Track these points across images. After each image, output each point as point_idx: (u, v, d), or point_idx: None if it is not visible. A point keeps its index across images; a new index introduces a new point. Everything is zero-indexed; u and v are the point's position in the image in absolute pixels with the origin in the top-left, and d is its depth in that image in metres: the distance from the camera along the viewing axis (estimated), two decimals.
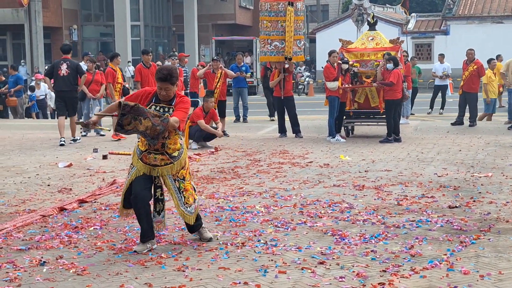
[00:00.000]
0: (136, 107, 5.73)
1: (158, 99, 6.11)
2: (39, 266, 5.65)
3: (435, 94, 21.27)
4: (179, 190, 6.16)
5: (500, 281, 5.17)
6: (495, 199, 8.22)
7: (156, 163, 6.06)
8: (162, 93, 6.04)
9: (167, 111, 6.04)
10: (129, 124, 5.72)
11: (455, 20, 35.78)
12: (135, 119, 5.71)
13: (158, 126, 5.79)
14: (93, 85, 15.52)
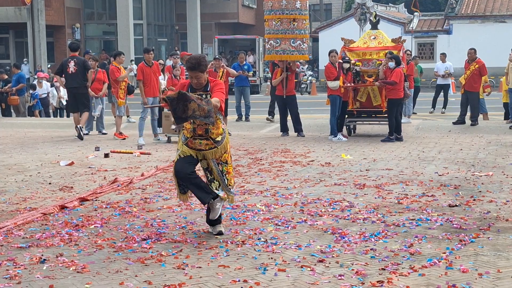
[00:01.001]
0: (181, 95, 5.98)
1: (193, 88, 6.37)
2: (39, 263, 5.67)
3: (437, 93, 21.26)
4: (222, 173, 6.48)
5: (498, 279, 5.18)
6: (495, 198, 8.23)
7: (201, 147, 6.39)
8: (194, 81, 6.33)
9: (205, 97, 6.23)
10: (182, 112, 5.99)
11: (458, 20, 35.74)
12: (184, 106, 5.98)
13: (205, 106, 6.03)
14: (95, 83, 15.55)
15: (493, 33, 34.17)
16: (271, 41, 14.80)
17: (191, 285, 5.14)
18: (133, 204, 8.06)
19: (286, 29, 14.77)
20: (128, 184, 9.35)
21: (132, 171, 10.57)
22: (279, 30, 14.78)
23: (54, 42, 39.27)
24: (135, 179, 9.68)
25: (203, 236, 6.57)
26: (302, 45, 14.89)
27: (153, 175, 10.11)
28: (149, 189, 9.05)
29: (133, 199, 8.37)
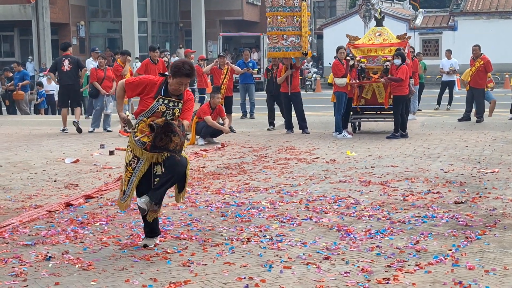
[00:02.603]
0: (166, 125, 5.74)
1: (166, 91, 5.96)
2: (45, 261, 5.68)
3: (443, 90, 21.19)
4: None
5: (505, 276, 5.16)
6: (501, 194, 8.20)
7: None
8: (181, 88, 5.94)
9: (176, 105, 5.97)
10: (161, 140, 5.76)
11: (463, 16, 35.65)
12: (166, 135, 5.74)
13: (182, 139, 5.83)
14: (106, 81, 15.60)
15: (498, 29, 34.07)
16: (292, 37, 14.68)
17: (196, 282, 5.14)
18: None
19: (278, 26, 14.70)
20: None
21: None
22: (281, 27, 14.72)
23: (59, 39, 39.21)
24: None
25: (209, 234, 6.56)
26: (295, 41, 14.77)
27: None
28: None
29: None
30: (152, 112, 5.91)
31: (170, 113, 5.94)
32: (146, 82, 6.06)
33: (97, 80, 15.49)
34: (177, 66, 5.89)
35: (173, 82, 5.91)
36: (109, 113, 15.74)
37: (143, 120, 5.97)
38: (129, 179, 6.02)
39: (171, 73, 5.91)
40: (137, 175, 5.99)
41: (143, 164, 5.99)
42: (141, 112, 6.00)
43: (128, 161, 6.01)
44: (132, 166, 6.00)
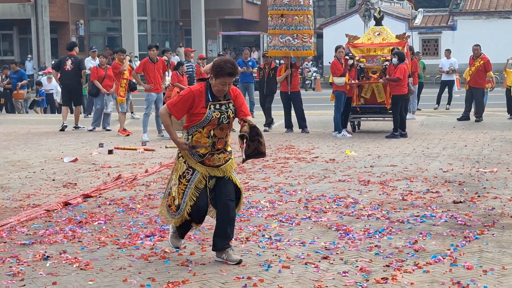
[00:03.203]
0: (252, 129, 5.63)
1: (213, 96, 5.61)
2: (43, 260, 5.67)
3: (442, 89, 21.18)
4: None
5: (503, 276, 5.16)
6: (500, 194, 8.20)
7: (220, 163, 5.71)
8: (224, 89, 5.59)
9: (228, 107, 5.67)
10: (249, 147, 5.64)
11: (462, 16, 35.62)
12: (252, 141, 5.62)
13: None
14: (106, 80, 15.58)
15: (498, 29, 34.04)
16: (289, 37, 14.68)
17: (194, 282, 5.13)
18: (137, 201, 8.05)
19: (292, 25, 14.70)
20: (132, 181, 9.34)
21: (136, 168, 10.56)
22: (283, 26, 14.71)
23: (58, 38, 39.25)
24: (139, 176, 9.67)
25: (207, 233, 6.55)
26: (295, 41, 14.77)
27: (157, 172, 10.10)
28: (153, 186, 9.04)
29: (137, 196, 8.37)
30: (208, 121, 5.57)
31: (225, 116, 5.64)
32: (192, 95, 5.61)
33: (98, 79, 15.49)
34: (219, 66, 5.54)
35: (216, 83, 5.56)
36: (109, 112, 15.74)
37: (198, 130, 5.61)
38: (183, 191, 5.61)
39: (213, 73, 5.56)
40: (192, 186, 5.59)
41: (198, 176, 5.61)
42: (192, 123, 5.64)
43: (182, 172, 5.63)
44: (186, 177, 5.61)
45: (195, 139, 5.62)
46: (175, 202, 5.66)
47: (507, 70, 17.60)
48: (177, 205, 5.65)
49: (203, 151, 5.62)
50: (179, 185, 5.65)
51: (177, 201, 5.65)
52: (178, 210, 5.65)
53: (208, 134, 5.62)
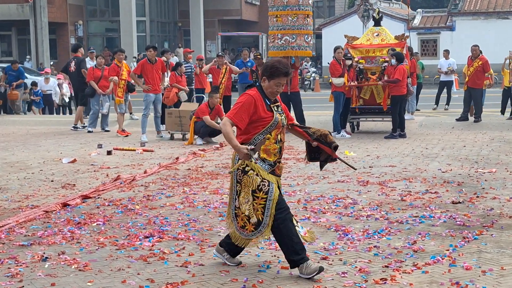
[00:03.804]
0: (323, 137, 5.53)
1: (269, 99, 5.40)
2: (41, 261, 5.66)
3: (441, 89, 21.21)
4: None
5: (502, 276, 5.15)
6: (498, 194, 8.20)
7: (282, 172, 5.55)
8: (279, 90, 5.37)
9: (281, 109, 5.48)
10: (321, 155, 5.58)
11: (461, 16, 35.65)
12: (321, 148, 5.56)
13: None
14: (103, 81, 15.58)
15: (496, 29, 34.08)
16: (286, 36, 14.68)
17: (193, 283, 5.13)
18: (136, 202, 8.04)
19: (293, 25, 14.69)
20: (131, 182, 9.34)
21: (135, 169, 10.56)
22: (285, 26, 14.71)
23: (57, 39, 39.25)
24: (138, 177, 9.66)
25: (206, 234, 6.55)
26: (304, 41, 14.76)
27: (156, 173, 10.09)
28: (152, 187, 9.03)
29: (135, 197, 8.36)
30: (276, 125, 5.32)
31: (283, 118, 5.43)
32: (252, 99, 5.31)
33: (94, 79, 15.48)
34: (274, 66, 5.33)
35: (270, 85, 5.32)
36: (105, 113, 15.73)
37: (267, 137, 5.31)
38: (263, 205, 5.23)
39: (266, 75, 5.33)
40: (273, 198, 5.23)
41: (275, 187, 5.29)
42: (258, 130, 5.31)
43: (256, 186, 5.24)
44: (263, 190, 5.24)
45: (263, 147, 5.31)
46: (251, 220, 5.26)
47: (504, 70, 17.61)
48: (255, 223, 5.26)
49: (272, 159, 5.34)
50: (254, 200, 5.26)
51: (254, 218, 5.25)
52: (259, 227, 5.26)
53: (276, 139, 5.36)
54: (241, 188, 5.33)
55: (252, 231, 5.30)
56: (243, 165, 5.30)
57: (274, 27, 14.83)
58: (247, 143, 5.28)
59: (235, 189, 5.39)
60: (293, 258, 5.23)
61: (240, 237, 5.40)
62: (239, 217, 5.36)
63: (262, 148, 5.31)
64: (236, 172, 5.36)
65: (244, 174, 5.30)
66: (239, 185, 5.35)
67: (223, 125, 5.30)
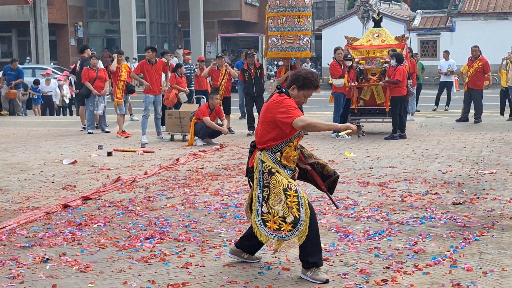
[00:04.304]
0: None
1: None
2: (42, 263, 5.67)
3: (441, 90, 21.21)
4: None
5: (503, 277, 5.16)
6: (499, 195, 8.20)
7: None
8: (305, 101, 5.45)
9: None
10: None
11: (461, 17, 35.64)
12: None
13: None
14: (98, 82, 15.58)
15: (496, 30, 34.05)
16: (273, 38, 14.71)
17: (194, 284, 5.13)
18: (137, 203, 8.05)
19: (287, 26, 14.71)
20: (131, 183, 9.34)
21: (135, 170, 10.56)
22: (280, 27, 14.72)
23: (57, 40, 39.26)
24: (138, 178, 9.67)
25: (207, 235, 6.55)
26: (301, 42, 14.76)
27: (156, 174, 10.10)
28: (152, 188, 9.04)
29: (136, 198, 8.36)
30: (299, 134, 5.37)
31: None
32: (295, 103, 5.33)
33: (89, 80, 15.49)
34: (307, 78, 5.31)
35: (299, 95, 5.32)
36: (100, 114, 15.72)
37: (289, 144, 5.32)
38: (297, 202, 5.14)
39: (297, 85, 5.31)
40: (303, 195, 5.19)
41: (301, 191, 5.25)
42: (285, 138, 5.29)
43: (286, 185, 5.18)
44: (293, 189, 5.18)
45: (285, 154, 5.29)
46: (287, 220, 5.14)
47: (502, 71, 17.62)
48: (292, 221, 5.13)
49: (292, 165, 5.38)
50: (287, 199, 5.16)
51: (291, 217, 5.13)
52: (298, 225, 5.13)
53: (295, 146, 5.37)
54: (269, 191, 5.23)
55: (290, 230, 5.15)
56: (268, 167, 5.26)
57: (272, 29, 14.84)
58: (270, 149, 5.29)
59: (261, 194, 5.27)
60: (308, 259, 5.19)
61: (277, 241, 5.24)
62: (270, 221, 5.21)
63: (284, 156, 5.31)
64: (261, 177, 5.29)
65: (272, 175, 5.24)
66: (266, 189, 5.25)
67: (303, 121, 5.18)
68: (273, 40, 14.82)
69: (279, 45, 14.82)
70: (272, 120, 5.27)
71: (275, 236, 5.21)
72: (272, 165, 5.26)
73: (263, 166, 5.28)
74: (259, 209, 5.28)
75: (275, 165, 5.27)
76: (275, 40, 14.78)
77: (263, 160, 5.29)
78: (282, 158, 5.30)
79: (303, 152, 5.62)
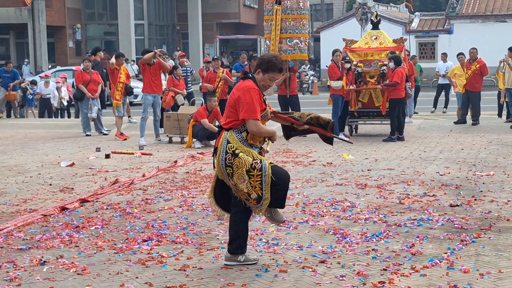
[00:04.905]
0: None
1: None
2: (40, 265, 5.66)
3: (439, 92, 21.25)
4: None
5: (499, 279, 5.16)
6: (496, 197, 8.21)
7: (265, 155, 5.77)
8: (270, 84, 5.65)
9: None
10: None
11: (459, 19, 35.68)
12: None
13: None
14: (91, 84, 15.60)
15: (494, 32, 34.09)
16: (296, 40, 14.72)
17: (192, 286, 5.13)
18: (134, 205, 8.04)
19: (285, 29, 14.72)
20: (129, 185, 9.34)
21: (133, 172, 10.56)
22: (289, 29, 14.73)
23: (55, 42, 39.28)
24: (136, 180, 9.66)
25: (205, 237, 6.55)
26: (300, 44, 14.80)
27: (154, 176, 10.10)
28: (150, 190, 9.03)
29: (134, 200, 8.36)
30: (265, 116, 5.65)
31: (268, 110, 5.70)
32: (258, 91, 5.55)
33: (83, 83, 15.50)
34: (271, 61, 5.54)
35: (264, 78, 5.56)
36: (94, 116, 15.72)
37: None
38: (259, 181, 5.42)
39: (262, 68, 5.55)
40: (268, 173, 5.43)
41: (267, 162, 5.49)
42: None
43: (249, 165, 5.42)
44: (257, 168, 5.43)
45: (250, 135, 5.53)
46: (251, 196, 5.47)
47: (499, 73, 17.64)
48: (255, 198, 5.47)
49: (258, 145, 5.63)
50: (250, 179, 5.43)
51: (254, 194, 5.45)
52: (261, 202, 5.48)
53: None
54: (232, 171, 5.49)
55: (255, 204, 5.53)
56: (232, 148, 5.49)
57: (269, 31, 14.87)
58: (236, 129, 5.52)
59: (225, 172, 5.53)
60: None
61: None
62: (238, 192, 5.55)
63: (249, 136, 5.55)
64: (224, 156, 5.51)
65: (235, 157, 5.47)
66: (229, 169, 5.50)
67: (260, 128, 5.52)
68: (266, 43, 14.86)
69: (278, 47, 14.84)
70: (235, 105, 5.53)
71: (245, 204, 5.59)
72: (237, 145, 5.49)
73: (228, 147, 5.51)
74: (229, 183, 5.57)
75: (241, 144, 5.51)
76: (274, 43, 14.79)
77: (228, 140, 5.54)
78: (248, 138, 5.54)
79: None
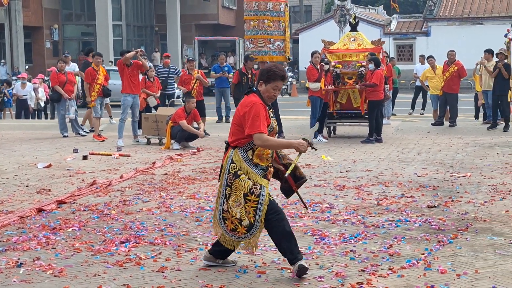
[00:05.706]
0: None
1: (266, 104, 5.47)
2: (16, 267, 5.61)
3: (416, 94, 21.38)
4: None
5: (476, 280, 5.20)
6: (473, 198, 8.28)
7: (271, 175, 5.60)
8: (276, 94, 5.47)
9: (274, 116, 5.58)
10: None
11: (436, 22, 35.98)
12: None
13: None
14: (68, 85, 15.51)
15: (471, 35, 34.42)
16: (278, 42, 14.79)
17: None
18: (112, 207, 8.00)
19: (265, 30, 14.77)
20: (107, 187, 9.28)
21: (111, 173, 10.50)
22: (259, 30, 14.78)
23: (32, 43, 38.96)
24: (114, 181, 9.61)
25: (183, 239, 6.53)
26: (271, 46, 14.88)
27: (132, 177, 10.05)
28: (128, 192, 8.99)
29: (111, 202, 8.31)
30: (271, 131, 5.42)
31: (276, 125, 5.51)
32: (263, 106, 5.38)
33: (59, 84, 15.39)
34: (271, 70, 5.41)
35: (267, 89, 5.41)
36: (72, 117, 15.62)
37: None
38: (254, 208, 5.32)
39: (264, 79, 5.42)
40: (265, 201, 5.32)
41: (266, 190, 5.35)
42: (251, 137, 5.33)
43: (248, 189, 5.31)
44: (255, 193, 5.31)
45: (257, 152, 5.36)
46: (242, 223, 5.34)
47: (476, 75, 17.80)
48: (247, 225, 5.34)
49: (265, 164, 5.42)
50: (246, 203, 5.32)
51: (246, 221, 5.33)
52: (252, 229, 5.34)
53: None
54: (231, 191, 5.38)
55: (244, 233, 5.39)
56: (235, 168, 5.35)
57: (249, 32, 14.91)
58: (242, 147, 5.37)
59: (224, 192, 5.42)
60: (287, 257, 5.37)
61: (231, 239, 5.45)
62: (228, 220, 5.41)
63: (256, 154, 5.38)
64: (227, 176, 5.39)
65: (236, 178, 5.35)
66: (228, 189, 5.39)
67: (265, 141, 5.29)
68: (246, 44, 14.91)
69: (251, 48, 14.91)
70: (241, 122, 5.39)
71: (231, 235, 5.44)
72: (241, 166, 5.35)
73: (231, 167, 5.39)
74: (221, 206, 5.46)
75: (246, 164, 5.35)
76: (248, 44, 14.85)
77: (233, 159, 5.39)
78: (254, 156, 5.38)
79: (278, 153, 5.69)
